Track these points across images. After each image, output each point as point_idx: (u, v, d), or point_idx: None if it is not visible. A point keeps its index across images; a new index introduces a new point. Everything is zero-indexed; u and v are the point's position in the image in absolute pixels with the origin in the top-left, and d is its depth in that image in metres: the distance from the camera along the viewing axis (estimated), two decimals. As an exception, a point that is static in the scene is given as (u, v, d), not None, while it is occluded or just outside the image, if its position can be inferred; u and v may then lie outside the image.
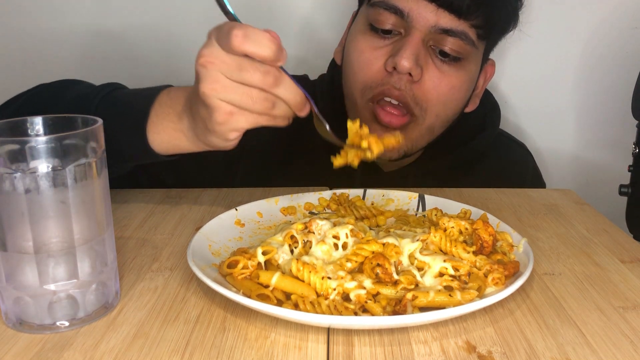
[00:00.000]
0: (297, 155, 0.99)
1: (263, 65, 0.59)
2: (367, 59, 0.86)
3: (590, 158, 1.28)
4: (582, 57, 1.23)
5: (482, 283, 0.56)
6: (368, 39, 0.87)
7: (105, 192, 0.54)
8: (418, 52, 0.82)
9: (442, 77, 0.85)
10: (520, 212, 0.82)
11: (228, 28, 0.58)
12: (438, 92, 0.85)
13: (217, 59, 0.58)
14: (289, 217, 0.76)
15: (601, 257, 0.67)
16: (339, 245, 0.60)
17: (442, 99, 0.86)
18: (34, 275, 0.50)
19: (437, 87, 0.85)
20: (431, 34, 0.83)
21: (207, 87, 0.59)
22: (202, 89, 0.59)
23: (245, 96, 0.59)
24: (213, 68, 0.59)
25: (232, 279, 0.57)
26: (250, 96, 0.60)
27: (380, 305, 0.53)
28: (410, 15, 0.82)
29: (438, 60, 0.85)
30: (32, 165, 0.48)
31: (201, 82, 0.59)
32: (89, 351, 0.49)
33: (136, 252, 0.67)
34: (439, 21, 0.82)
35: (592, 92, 1.25)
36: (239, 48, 0.57)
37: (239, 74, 0.59)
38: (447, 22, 0.82)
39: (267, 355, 0.49)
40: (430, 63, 0.84)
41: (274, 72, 0.59)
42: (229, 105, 0.60)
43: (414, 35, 0.82)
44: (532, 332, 0.52)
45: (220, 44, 0.59)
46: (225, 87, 0.59)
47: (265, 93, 0.60)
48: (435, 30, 0.82)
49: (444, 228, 0.63)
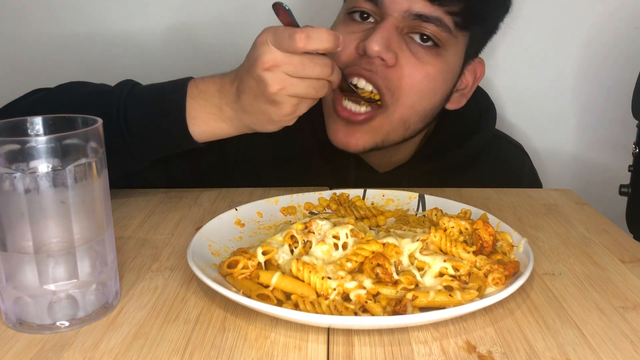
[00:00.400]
0: (290, 159, 0.99)
1: (320, 58, 0.69)
2: None
3: (590, 158, 1.28)
4: (582, 57, 1.23)
5: (482, 283, 0.56)
6: (346, 26, 0.88)
7: (105, 192, 0.54)
8: (389, 37, 0.83)
9: (417, 64, 0.84)
10: (520, 212, 0.82)
11: (290, 32, 0.66)
12: (413, 79, 0.84)
13: (282, 62, 0.67)
14: (289, 217, 0.76)
15: (601, 257, 0.68)
16: (339, 245, 0.60)
17: (416, 86, 0.85)
18: (33, 275, 0.50)
19: (412, 73, 0.84)
20: (405, 20, 0.83)
21: (275, 88, 0.68)
22: (271, 90, 0.68)
23: (310, 89, 0.69)
24: (278, 70, 0.67)
25: (232, 279, 0.57)
26: (314, 87, 0.70)
27: (380, 305, 0.53)
28: (384, 1, 0.83)
29: (415, 47, 0.84)
30: (32, 165, 0.48)
31: (269, 84, 0.68)
32: (89, 351, 0.49)
33: (136, 252, 0.67)
34: (412, 6, 0.82)
35: (592, 92, 1.24)
36: (306, 48, 0.66)
37: (302, 71, 0.68)
38: (420, 7, 0.82)
39: (267, 355, 0.49)
40: (405, 49, 0.84)
41: (330, 63, 0.70)
42: (295, 99, 0.70)
43: (387, 21, 0.83)
44: (532, 332, 0.52)
45: (282, 47, 0.67)
46: (292, 85, 0.68)
47: (324, 80, 0.70)
48: (409, 15, 0.83)
49: (444, 228, 0.63)
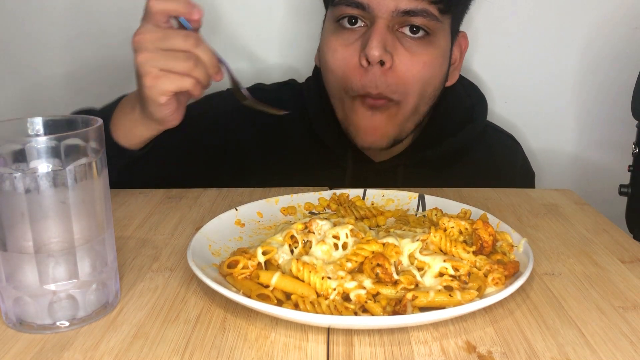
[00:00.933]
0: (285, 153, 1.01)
1: (184, 31, 0.71)
2: (341, 56, 0.89)
3: (590, 158, 1.28)
4: (582, 57, 1.23)
5: (482, 283, 0.56)
6: (338, 37, 0.90)
7: (106, 192, 0.54)
8: (385, 39, 0.85)
9: (412, 58, 0.87)
10: (520, 212, 0.82)
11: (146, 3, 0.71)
12: (412, 73, 0.88)
13: (146, 34, 0.70)
14: (289, 217, 0.76)
15: (601, 257, 0.67)
16: (339, 245, 0.60)
17: (417, 78, 0.88)
18: (34, 275, 0.50)
19: (410, 68, 0.87)
20: (394, 19, 0.86)
21: (139, 57, 0.70)
22: (136, 60, 0.71)
23: (170, 59, 0.70)
24: (143, 41, 0.70)
25: (232, 279, 0.57)
26: (174, 57, 0.70)
27: (380, 305, 0.53)
28: (371, 5, 0.85)
29: (407, 41, 0.87)
30: (32, 165, 0.48)
31: (135, 54, 0.71)
32: (89, 351, 0.49)
33: (136, 252, 0.67)
34: (398, 5, 0.85)
35: (592, 92, 1.24)
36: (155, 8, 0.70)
37: (164, 42, 0.70)
38: (406, 4, 0.85)
39: (267, 355, 0.49)
40: (399, 47, 0.87)
41: (194, 35, 0.71)
42: (156, 70, 0.70)
43: (378, 24, 0.85)
44: (532, 332, 0.52)
45: (147, 20, 0.71)
46: (154, 55, 0.70)
47: (187, 53, 0.70)
48: (397, 14, 0.85)
49: (444, 228, 0.63)
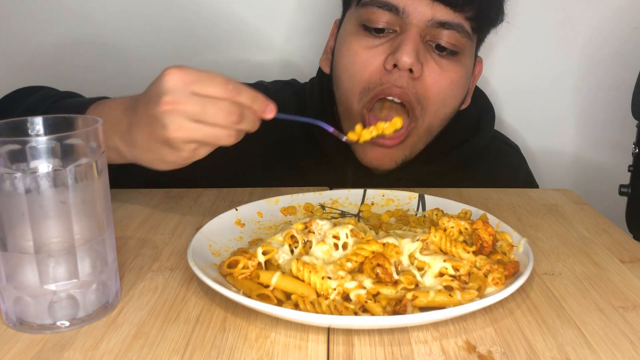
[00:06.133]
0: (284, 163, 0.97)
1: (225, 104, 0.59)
2: (363, 59, 0.84)
3: (590, 158, 1.28)
4: (582, 57, 1.23)
5: (482, 283, 0.56)
6: (361, 40, 0.85)
7: (106, 192, 0.54)
8: (418, 48, 0.81)
9: (441, 73, 0.84)
10: (520, 212, 0.82)
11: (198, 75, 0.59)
12: (439, 88, 0.84)
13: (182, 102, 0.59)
14: (289, 217, 0.76)
15: (601, 257, 0.67)
16: (339, 245, 0.60)
17: (441, 95, 0.85)
18: (34, 275, 0.50)
19: (438, 82, 0.84)
20: (428, 29, 0.82)
21: (174, 133, 0.59)
22: (170, 134, 0.59)
23: (209, 137, 0.60)
24: (177, 113, 0.59)
25: (232, 279, 0.57)
26: (214, 135, 0.60)
27: (380, 305, 0.53)
28: (406, 10, 0.81)
29: (436, 56, 0.84)
30: (33, 165, 0.48)
31: (167, 128, 0.59)
32: (89, 351, 0.49)
33: (136, 252, 0.67)
34: (435, 14, 0.81)
35: (592, 92, 1.24)
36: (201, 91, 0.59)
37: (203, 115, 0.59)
38: (443, 15, 0.81)
39: (267, 355, 0.49)
40: (430, 59, 0.83)
41: (237, 111, 0.60)
42: (194, 144, 0.61)
43: (412, 31, 0.82)
44: (532, 332, 0.52)
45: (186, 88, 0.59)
46: (191, 130, 0.59)
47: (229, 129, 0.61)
48: (432, 24, 0.81)
49: (444, 228, 0.63)
